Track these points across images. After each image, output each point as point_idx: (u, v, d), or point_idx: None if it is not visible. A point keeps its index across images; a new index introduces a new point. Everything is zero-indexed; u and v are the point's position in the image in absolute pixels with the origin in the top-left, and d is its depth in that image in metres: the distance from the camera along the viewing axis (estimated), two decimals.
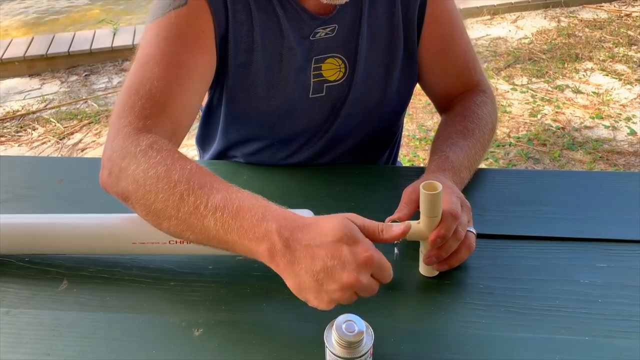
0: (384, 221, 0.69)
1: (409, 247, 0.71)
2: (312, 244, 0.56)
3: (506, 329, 0.63)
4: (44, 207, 0.85)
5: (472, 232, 0.69)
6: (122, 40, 3.44)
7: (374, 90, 0.89)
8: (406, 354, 0.60)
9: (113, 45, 3.38)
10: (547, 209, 0.80)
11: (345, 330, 0.53)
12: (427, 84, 0.95)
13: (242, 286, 0.69)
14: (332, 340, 0.54)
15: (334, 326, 0.53)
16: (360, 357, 0.54)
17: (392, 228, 0.62)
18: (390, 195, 0.82)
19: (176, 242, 0.68)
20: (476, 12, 3.71)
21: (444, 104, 0.95)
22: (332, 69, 0.86)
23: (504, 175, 0.88)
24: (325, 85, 0.86)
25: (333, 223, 0.57)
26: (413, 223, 0.67)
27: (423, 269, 0.70)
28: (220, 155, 0.97)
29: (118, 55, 3.39)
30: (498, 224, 0.77)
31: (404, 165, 1.29)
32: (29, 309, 0.67)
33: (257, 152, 0.92)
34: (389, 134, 1.00)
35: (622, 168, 2.28)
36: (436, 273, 0.70)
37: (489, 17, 3.71)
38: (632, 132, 2.49)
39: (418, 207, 0.67)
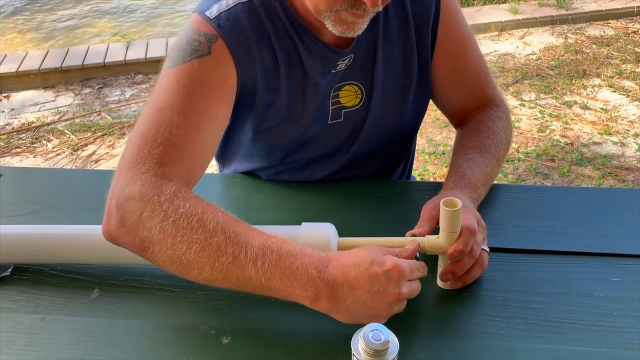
0: (403, 234, 0.72)
1: (428, 261, 0.74)
2: (350, 278, 0.60)
3: (524, 340, 0.65)
4: (71, 218, 0.88)
5: (485, 250, 0.72)
6: (135, 53, 3.50)
7: (391, 112, 0.91)
8: None
9: (126, 58, 3.44)
10: (561, 224, 0.82)
11: (372, 339, 0.55)
12: (441, 101, 0.97)
13: (265, 297, 0.71)
14: (359, 348, 0.56)
15: (361, 335, 0.56)
16: None
17: (406, 250, 0.66)
18: (408, 209, 0.85)
19: None
20: (484, 28, 3.75)
21: (458, 119, 0.98)
22: (349, 96, 0.87)
23: (519, 191, 0.90)
24: (343, 111, 0.88)
25: (358, 253, 0.62)
26: (432, 238, 0.69)
27: (441, 282, 0.72)
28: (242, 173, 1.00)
29: (131, 69, 3.45)
30: (514, 238, 0.80)
31: (415, 178, 1.32)
32: (63, 316, 0.70)
33: (279, 174, 0.95)
34: (404, 150, 1.03)
35: (631, 184, 2.29)
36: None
37: (496, 33, 3.76)
38: None
39: (438, 223, 0.69)
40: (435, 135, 2.66)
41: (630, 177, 2.33)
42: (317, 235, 0.69)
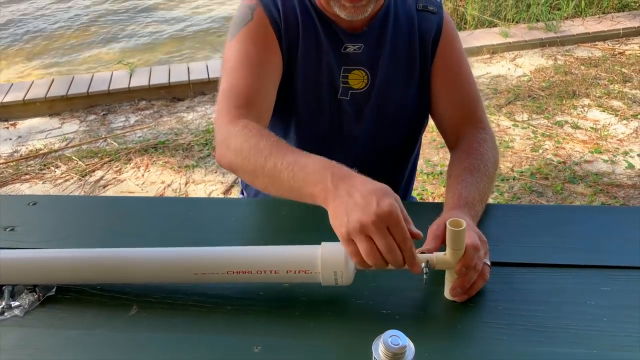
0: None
1: (435, 274, 0.81)
2: (353, 187, 0.73)
3: (525, 344, 0.72)
4: (102, 241, 0.95)
5: (487, 264, 0.79)
6: (138, 80, 3.59)
7: (392, 99, 1.05)
8: None
9: (130, 85, 3.54)
10: (555, 240, 0.90)
11: (391, 344, 0.63)
12: (437, 113, 1.09)
13: (291, 310, 0.79)
14: (380, 352, 0.63)
15: (381, 340, 0.63)
16: None
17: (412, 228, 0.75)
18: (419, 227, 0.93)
19: (233, 272, 0.78)
20: (476, 51, 3.88)
21: (452, 138, 1.07)
22: (357, 79, 1.04)
23: (516, 210, 0.99)
24: (350, 91, 1.04)
25: (377, 182, 0.74)
26: (440, 254, 0.77)
27: (448, 294, 0.80)
28: None
29: (135, 95, 3.54)
30: (513, 253, 0.87)
31: (415, 198, 1.41)
32: (106, 331, 0.77)
33: None
34: (405, 155, 1.13)
35: (622, 200, 2.38)
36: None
37: (488, 56, 3.88)
38: (630, 166, 2.60)
39: (443, 242, 0.77)
40: (432, 156, 2.75)
41: (621, 193, 2.43)
42: (336, 254, 0.77)
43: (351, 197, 0.71)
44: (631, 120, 3.00)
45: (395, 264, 0.71)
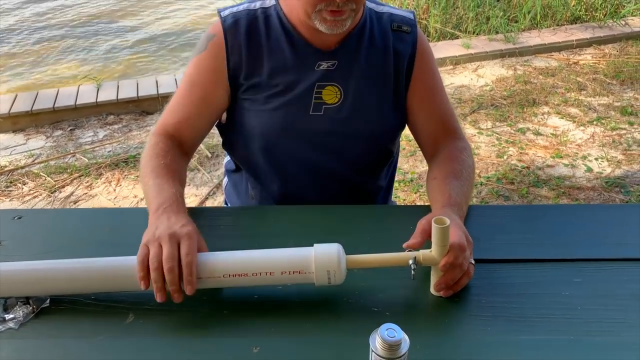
0: (402, 249, 0.84)
1: (422, 271, 0.86)
2: (168, 218, 0.87)
3: (507, 334, 0.77)
4: (91, 252, 0.95)
5: (471, 263, 0.84)
6: (106, 95, 3.56)
7: (365, 114, 1.09)
8: (432, 356, 0.74)
9: (97, 100, 3.50)
10: (529, 237, 0.96)
11: (387, 336, 0.66)
12: (415, 126, 1.14)
13: (286, 311, 0.82)
14: (376, 344, 0.67)
15: (378, 333, 0.67)
16: (398, 358, 0.67)
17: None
18: (399, 227, 0.98)
19: (229, 275, 0.81)
20: (440, 62, 4.01)
21: (430, 149, 1.13)
22: (330, 94, 1.07)
23: (491, 210, 1.05)
24: (323, 106, 1.07)
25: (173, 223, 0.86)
26: (427, 251, 0.82)
27: (434, 290, 0.85)
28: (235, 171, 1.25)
29: (102, 110, 3.50)
30: (491, 250, 0.93)
31: (395, 202, 1.47)
32: (104, 339, 0.78)
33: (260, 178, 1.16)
34: (381, 165, 1.18)
35: (583, 202, 2.51)
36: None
37: (451, 67, 4.02)
38: (589, 169, 2.74)
39: (429, 237, 0.82)
40: (402, 164, 2.83)
41: (582, 195, 2.55)
42: (328, 254, 0.80)
43: (160, 226, 0.85)
44: (587, 126, 3.16)
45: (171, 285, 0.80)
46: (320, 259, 0.80)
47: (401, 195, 2.57)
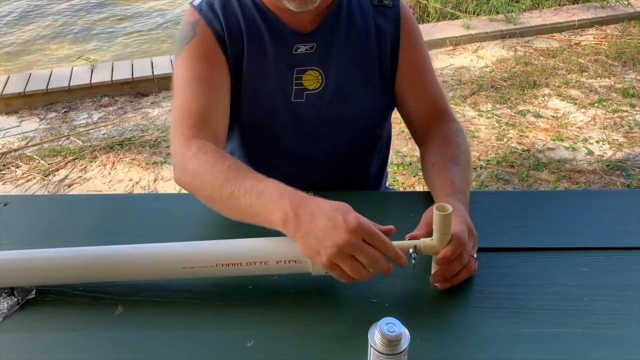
0: (403, 238, 0.80)
1: (424, 261, 0.83)
2: (314, 214, 0.72)
3: (510, 326, 0.75)
4: (80, 240, 0.92)
5: (473, 257, 0.81)
6: (100, 76, 3.50)
7: (349, 97, 1.03)
8: (433, 351, 0.71)
9: (92, 81, 3.44)
10: (534, 224, 0.93)
11: (387, 331, 0.64)
12: (405, 111, 1.09)
13: (282, 302, 0.79)
14: (375, 339, 0.64)
15: (377, 327, 0.64)
16: (398, 353, 0.64)
17: (382, 228, 0.77)
18: (398, 215, 0.94)
19: (222, 265, 0.78)
20: (440, 43, 3.94)
21: (421, 132, 1.08)
22: (311, 79, 1.01)
23: (494, 197, 1.02)
24: (305, 92, 1.02)
25: (335, 203, 0.74)
26: (427, 240, 0.79)
27: (431, 280, 0.81)
28: None
29: (97, 91, 3.44)
30: (494, 239, 0.90)
31: (390, 188, 1.43)
32: (92, 332, 0.75)
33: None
34: (370, 150, 1.13)
35: (584, 185, 2.48)
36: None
37: (451, 47, 3.95)
38: (590, 152, 2.70)
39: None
40: (401, 147, 2.79)
41: (582, 179, 2.52)
42: None
43: (316, 223, 0.72)
44: (589, 109, 3.11)
45: (382, 271, 0.73)
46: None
47: (400, 179, 2.54)
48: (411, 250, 0.77)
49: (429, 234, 0.80)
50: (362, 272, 0.72)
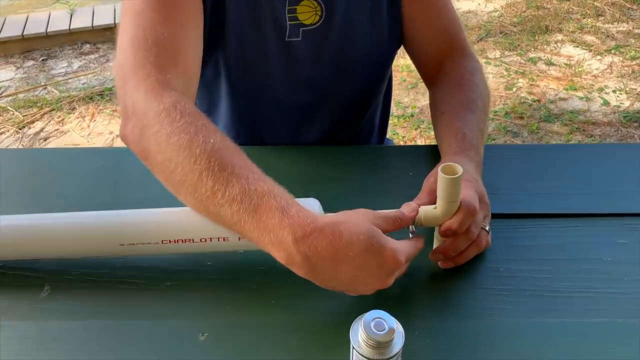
0: (392, 204, 0.64)
1: (424, 233, 0.67)
2: (335, 259, 0.53)
3: (534, 314, 0.59)
4: (14, 206, 0.76)
5: (485, 230, 0.65)
6: (80, 21, 3.26)
7: (354, 33, 0.84)
8: (433, 347, 0.56)
9: (71, 27, 3.20)
10: (560, 185, 0.76)
11: (375, 329, 0.48)
12: (413, 43, 0.89)
13: (247, 283, 0.63)
14: (360, 339, 0.49)
15: (361, 324, 0.48)
16: (390, 358, 0.49)
17: (405, 215, 0.60)
18: (394, 175, 0.78)
19: (169, 241, 0.62)
20: None
21: (431, 70, 0.89)
22: (308, 12, 0.81)
23: (511, 151, 0.85)
24: (301, 29, 0.81)
25: (357, 234, 0.53)
26: (429, 208, 0.62)
27: (431, 257, 0.66)
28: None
29: (77, 38, 3.22)
30: (511, 202, 0.73)
31: (392, 142, 1.25)
32: (9, 321, 0.60)
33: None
34: (374, 96, 0.95)
35: (598, 139, 2.30)
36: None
37: None
38: (606, 103, 2.51)
39: None
40: (402, 97, 2.59)
41: (597, 131, 2.34)
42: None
43: (339, 270, 0.53)
44: (605, 56, 2.89)
45: None
46: None
47: (400, 132, 2.36)
48: None
49: (431, 204, 0.64)
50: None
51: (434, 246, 0.65)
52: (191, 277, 0.64)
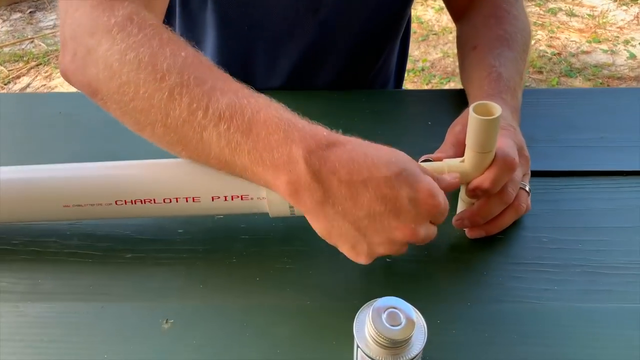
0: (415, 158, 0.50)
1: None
2: (355, 180, 0.40)
3: (587, 297, 0.46)
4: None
5: (525, 190, 0.51)
6: None
7: None
8: (460, 341, 0.43)
9: None
10: (612, 136, 0.63)
11: (387, 323, 0.35)
12: None
13: (226, 255, 0.51)
14: (367, 336, 0.36)
15: (370, 316, 0.36)
16: None
17: (446, 179, 0.46)
18: (414, 123, 0.64)
19: (125, 202, 0.49)
20: None
21: (462, 1, 0.74)
22: None
23: (549, 95, 0.70)
24: None
25: (387, 155, 0.41)
26: (455, 161, 0.49)
27: (455, 223, 0.53)
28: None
29: None
30: (554, 157, 0.60)
31: None
32: None
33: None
34: (388, 42, 0.80)
35: None
36: None
37: None
38: (632, 56, 2.32)
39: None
40: (412, 50, 2.42)
41: (623, 87, 2.17)
42: None
43: (358, 198, 0.40)
44: (631, 6, 2.69)
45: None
46: None
47: (410, 87, 2.20)
48: None
49: (457, 156, 0.50)
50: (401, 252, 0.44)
51: (459, 207, 0.52)
52: (158, 248, 0.52)
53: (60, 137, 0.66)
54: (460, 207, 0.53)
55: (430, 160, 0.50)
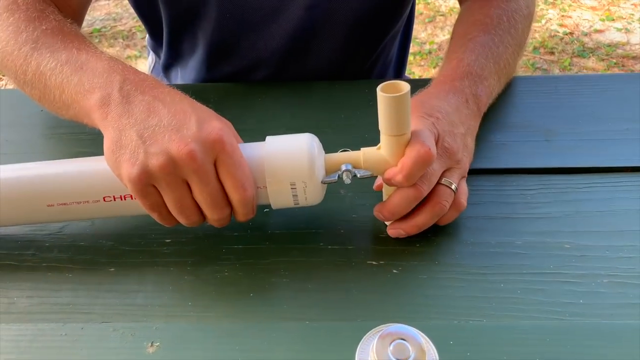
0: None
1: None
2: (158, 98, 0.43)
3: (619, 312, 0.42)
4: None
5: (448, 187, 0.46)
6: None
7: None
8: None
9: None
10: (638, 127, 0.57)
11: (393, 355, 0.31)
12: None
13: (216, 268, 0.46)
14: None
15: (374, 348, 0.31)
16: None
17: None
18: None
19: (114, 198, 0.45)
20: None
21: None
22: None
23: (568, 82, 0.64)
24: None
25: (196, 104, 0.44)
26: (372, 149, 0.45)
27: (375, 212, 0.48)
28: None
29: None
30: (573, 152, 0.55)
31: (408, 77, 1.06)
32: None
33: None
34: (390, 26, 0.75)
35: None
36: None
37: None
38: None
39: None
40: (419, 32, 2.35)
41: (638, 66, 2.09)
42: (292, 152, 0.44)
43: (154, 114, 0.42)
44: None
45: (216, 222, 0.44)
46: (278, 162, 0.43)
47: (416, 71, 2.14)
48: (344, 167, 0.44)
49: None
50: (191, 212, 0.43)
51: (384, 199, 0.48)
52: (144, 261, 0.47)
53: (44, 135, 0.62)
54: (385, 197, 0.48)
55: (348, 150, 0.46)
